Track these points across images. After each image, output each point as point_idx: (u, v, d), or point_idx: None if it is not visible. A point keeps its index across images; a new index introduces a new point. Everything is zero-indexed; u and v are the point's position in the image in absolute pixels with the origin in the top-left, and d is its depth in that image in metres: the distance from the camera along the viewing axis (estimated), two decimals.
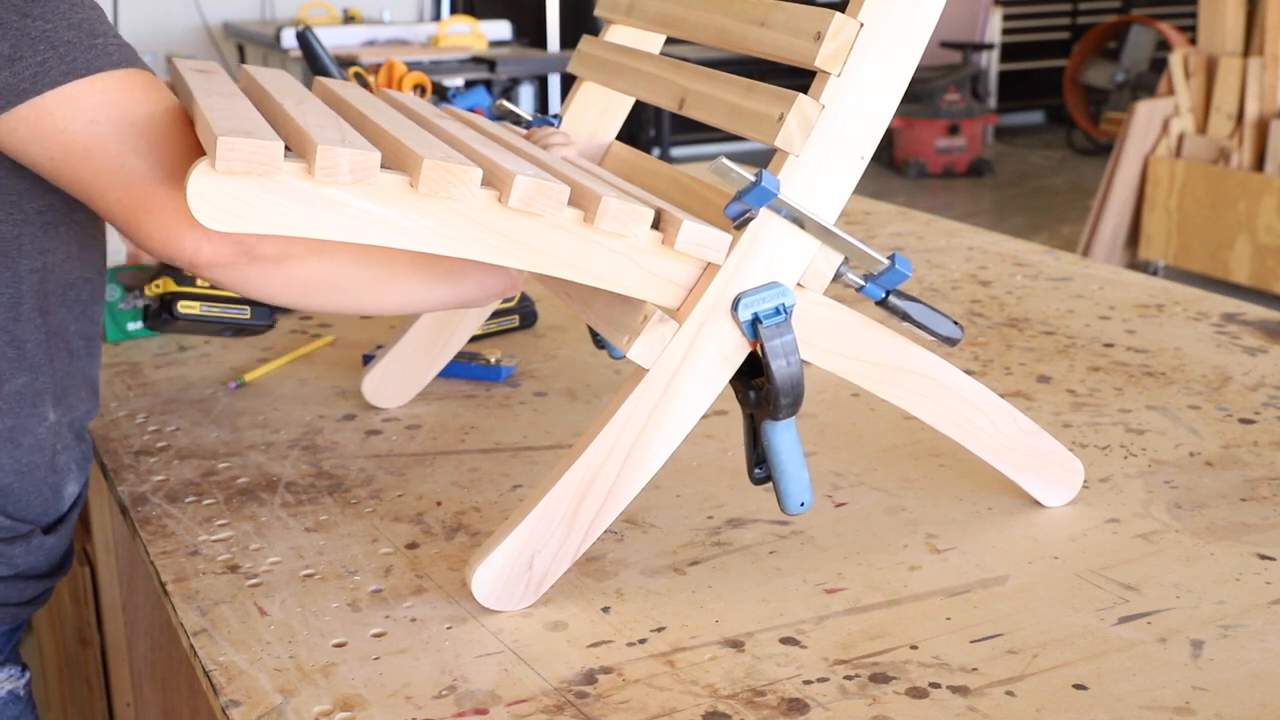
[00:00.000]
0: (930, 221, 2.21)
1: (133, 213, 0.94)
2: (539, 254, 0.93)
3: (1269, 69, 4.87)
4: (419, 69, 1.87)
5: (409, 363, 1.38)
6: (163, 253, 0.95)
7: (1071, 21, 8.88)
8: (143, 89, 0.96)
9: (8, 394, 1.03)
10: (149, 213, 0.93)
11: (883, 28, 0.95)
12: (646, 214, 0.94)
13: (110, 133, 0.94)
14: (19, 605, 1.09)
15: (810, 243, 0.99)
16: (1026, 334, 1.62)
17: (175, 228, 0.93)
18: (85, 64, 0.94)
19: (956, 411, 1.09)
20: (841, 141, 0.97)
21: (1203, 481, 1.22)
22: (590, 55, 1.31)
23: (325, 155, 0.84)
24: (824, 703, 0.89)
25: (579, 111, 1.32)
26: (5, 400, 1.03)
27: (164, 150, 0.94)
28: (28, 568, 1.08)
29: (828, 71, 0.96)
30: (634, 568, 1.07)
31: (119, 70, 0.95)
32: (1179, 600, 1.01)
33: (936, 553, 1.09)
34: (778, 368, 0.98)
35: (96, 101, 0.94)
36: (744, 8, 1.07)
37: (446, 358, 1.39)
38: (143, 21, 6.04)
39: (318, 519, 1.16)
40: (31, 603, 1.11)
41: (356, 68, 1.86)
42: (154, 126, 0.95)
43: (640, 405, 0.98)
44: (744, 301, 0.97)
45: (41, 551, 1.09)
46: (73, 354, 1.08)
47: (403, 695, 0.90)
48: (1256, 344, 1.58)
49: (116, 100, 0.95)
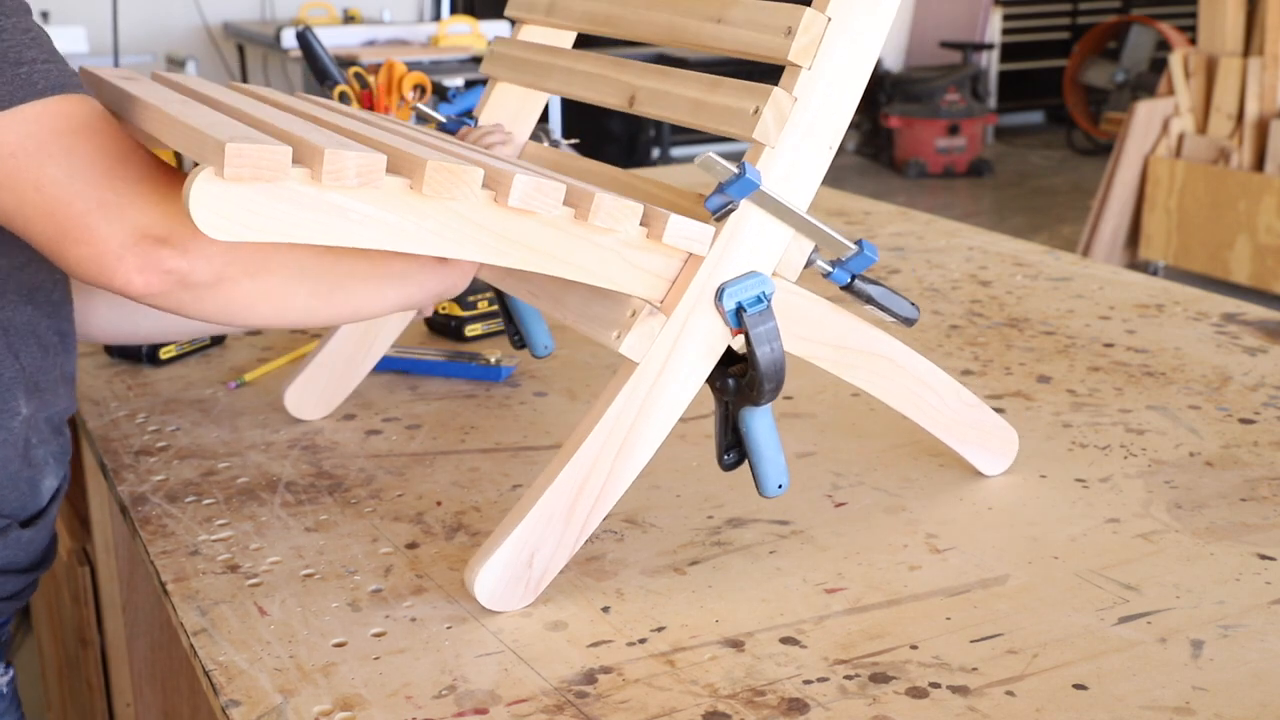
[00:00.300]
0: (930, 221, 2.21)
1: (59, 244, 0.91)
2: (533, 252, 0.93)
3: (1269, 69, 4.87)
4: (419, 69, 1.86)
5: (333, 373, 1.36)
6: (95, 282, 0.92)
7: (1071, 21, 8.88)
8: (66, 118, 0.93)
9: None
10: (75, 243, 0.91)
11: (849, 20, 0.98)
12: (636, 209, 0.95)
13: (28, 165, 0.91)
14: (2, 600, 1.09)
15: (786, 231, 1.01)
16: (1026, 334, 1.62)
17: (104, 260, 0.90)
18: (6, 96, 0.91)
19: (910, 389, 1.14)
20: (812, 133, 1.00)
21: (1203, 481, 1.22)
22: (508, 56, 1.31)
23: (333, 159, 0.83)
24: (824, 703, 0.89)
25: (494, 112, 1.32)
26: None
27: (89, 180, 0.91)
28: (6, 562, 1.07)
29: (799, 65, 0.98)
30: (634, 567, 1.07)
31: (42, 100, 0.92)
32: (1179, 600, 1.01)
33: (936, 553, 1.09)
34: (762, 354, 1.00)
35: (16, 134, 0.91)
36: (697, 4, 1.08)
37: (369, 366, 1.38)
38: (143, 21, 6.04)
39: (318, 519, 1.16)
40: (13, 598, 1.10)
41: (356, 68, 1.85)
42: (78, 155, 0.92)
43: (631, 399, 0.99)
44: (728, 291, 0.99)
45: (19, 545, 1.08)
46: (46, 349, 1.08)
47: (403, 695, 0.90)
48: (1256, 344, 1.58)
49: (35, 132, 0.91)
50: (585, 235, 0.95)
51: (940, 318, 1.68)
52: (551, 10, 1.26)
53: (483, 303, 1.61)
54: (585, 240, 0.95)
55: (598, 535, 1.11)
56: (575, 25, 1.25)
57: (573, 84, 1.20)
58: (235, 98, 1.12)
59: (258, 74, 6.37)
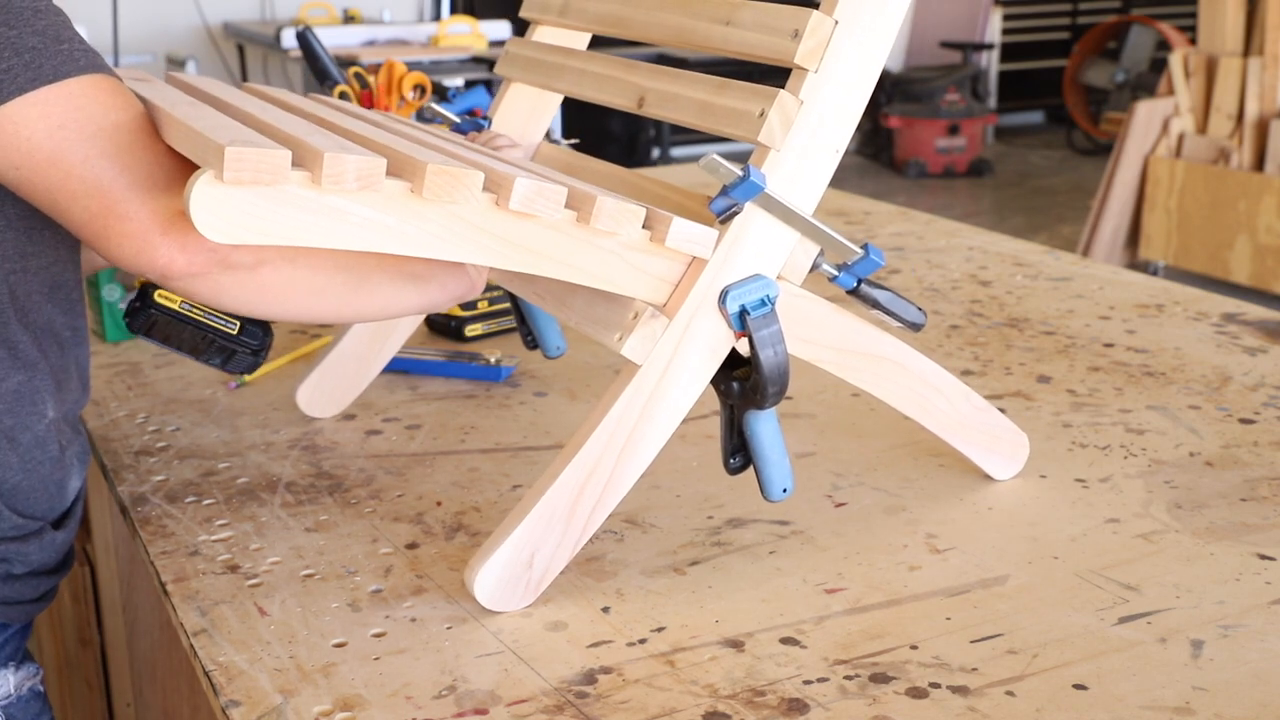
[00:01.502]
0: (930, 221, 2.21)
1: (102, 221, 0.91)
2: (535, 255, 0.93)
3: (1269, 69, 4.87)
4: (419, 69, 1.86)
5: (344, 372, 1.36)
6: (135, 263, 0.92)
7: (1071, 21, 8.88)
8: (109, 95, 0.94)
9: (5, 393, 1.03)
10: (119, 219, 0.91)
11: (856, 24, 0.98)
12: (639, 212, 0.95)
13: (76, 139, 0.92)
14: (33, 602, 1.10)
15: (790, 235, 1.01)
16: (1026, 334, 1.62)
17: (148, 237, 0.91)
18: (51, 70, 0.92)
19: (917, 392, 1.13)
20: (819, 136, 1.00)
21: (1203, 481, 1.22)
22: (521, 56, 1.31)
23: (332, 163, 0.84)
24: (824, 703, 0.89)
25: (508, 113, 1.32)
26: (3, 400, 1.03)
27: (133, 158, 0.92)
28: (40, 564, 1.08)
29: (805, 68, 0.98)
30: (634, 568, 1.07)
31: (85, 76, 0.93)
32: (1179, 600, 1.01)
33: (936, 553, 1.09)
34: (765, 357, 1.00)
35: (62, 108, 0.92)
36: (706, 7, 1.08)
37: (380, 366, 1.38)
38: (143, 21, 6.04)
39: (318, 519, 1.16)
40: (42, 599, 1.11)
41: (356, 68, 1.85)
42: (122, 133, 0.93)
43: (633, 401, 0.99)
44: (731, 294, 0.99)
45: (53, 547, 1.09)
46: (63, 346, 1.08)
47: (403, 695, 0.90)
48: (1256, 344, 1.58)
49: (83, 106, 0.92)
50: (587, 238, 0.95)
51: (940, 318, 1.68)
52: (565, 12, 1.26)
53: (483, 303, 1.61)
54: (587, 243, 0.95)
55: (598, 535, 1.11)
56: (588, 26, 1.25)
57: (584, 85, 1.20)
58: (245, 100, 1.12)
59: (258, 74, 6.37)
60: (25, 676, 1.12)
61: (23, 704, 1.12)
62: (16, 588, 1.07)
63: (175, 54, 5.96)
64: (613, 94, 1.16)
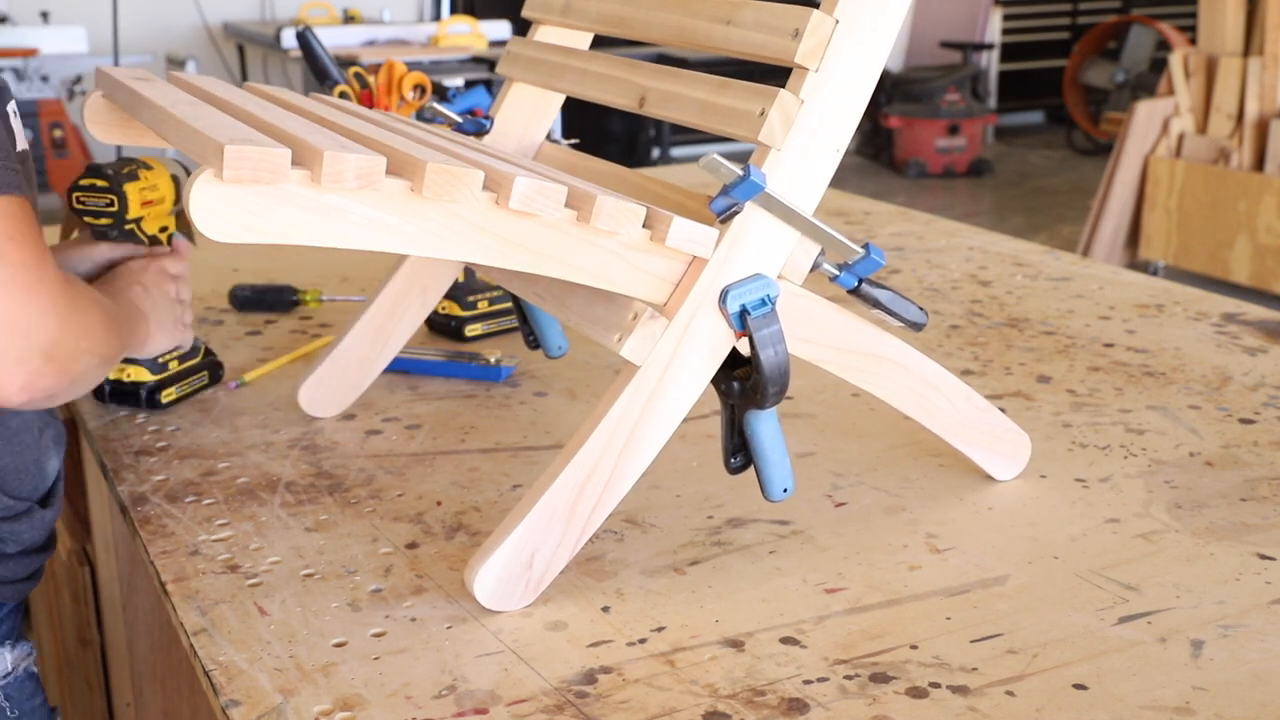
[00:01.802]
0: (930, 221, 2.21)
1: None
2: (535, 254, 0.93)
3: (1269, 69, 4.87)
4: (419, 69, 1.86)
5: (346, 372, 1.36)
6: None
7: (1071, 21, 8.88)
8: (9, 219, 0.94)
9: None
10: None
11: (857, 23, 0.98)
12: (639, 211, 0.95)
13: None
14: (24, 581, 1.14)
15: (791, 234, 1.01)
16: (1026, 334, 1.62)
17: None
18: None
19: (917, 392, 1.13)
20: (819, 135, 0.99)
21: (1203, 481, 1.22)
22: (523, 56, 1.31)
23: (332, 162, 0.83)
24: (824, 703, 0.89)
25: (510, 113, 1.32)
26: None
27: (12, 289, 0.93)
28: (31, 542, 1.12)
29: (805, 67, 0.98)
30: (634, 567, 1.07)
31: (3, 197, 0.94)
32: (1179, 600, 1.01)
33: (936, 553, 1.09)
34: (766, 357, 1.00)
35: None
36: (706, 6, 1.08)
37: (381, 366, 1.38)
38: (143, 21, 6.04)
39: (318, 519, 1.16)
40: (32, 577, 1.15)
41: (356, 68, 1.85)
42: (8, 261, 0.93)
43: (633, 401, 0.99)
44: (731, 294, 0.99)
45: (43, 525, 1.13)
46: None
47: (403, 695, 0.90)
48: (1256, 344, 1.58)
49: None
50: (587, 237, 0.95)
51: (940, 318, 1.68)
52: (567, 11, 1.27)
53: (483, 303, 1.61)
54: (587, 242, 0.95)
55: (598, 535, 1.11)
56: (590, 26, 1.25)
57: (586, 85, 1.20)
58: (246, 99, 1.12)
59: (258, 74, 6.37)
60: (21, 655, 1.16)
61: (19, 683, 1.15)
62: (10, 567, 1.11)
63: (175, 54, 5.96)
64: (614, 94, 1.16)
